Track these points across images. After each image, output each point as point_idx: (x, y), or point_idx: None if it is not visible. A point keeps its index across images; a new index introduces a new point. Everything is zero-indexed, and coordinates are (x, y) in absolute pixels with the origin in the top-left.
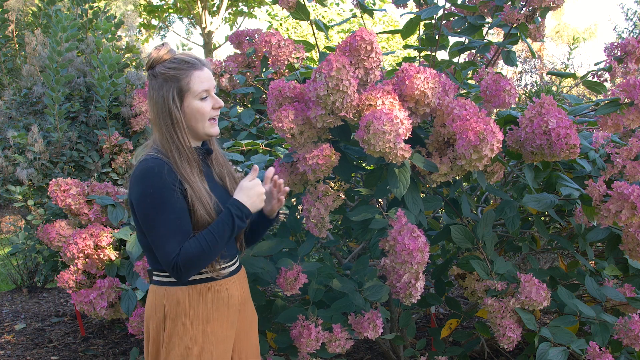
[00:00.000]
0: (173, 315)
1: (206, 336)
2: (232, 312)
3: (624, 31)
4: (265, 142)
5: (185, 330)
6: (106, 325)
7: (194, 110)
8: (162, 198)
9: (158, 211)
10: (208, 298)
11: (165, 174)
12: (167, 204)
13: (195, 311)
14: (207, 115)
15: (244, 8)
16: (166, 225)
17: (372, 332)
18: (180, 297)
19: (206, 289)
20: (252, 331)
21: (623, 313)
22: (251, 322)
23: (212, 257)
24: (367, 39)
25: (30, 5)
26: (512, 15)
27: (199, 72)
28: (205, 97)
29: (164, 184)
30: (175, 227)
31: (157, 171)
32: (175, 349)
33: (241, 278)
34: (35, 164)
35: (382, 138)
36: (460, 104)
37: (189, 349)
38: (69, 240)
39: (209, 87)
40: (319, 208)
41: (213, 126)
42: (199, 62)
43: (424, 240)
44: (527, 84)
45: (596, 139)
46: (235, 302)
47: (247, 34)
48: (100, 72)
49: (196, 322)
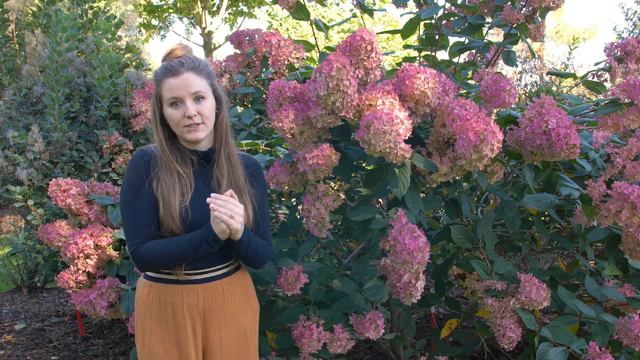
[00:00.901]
0: (139, 307)
1: (165, 336)
2: (191, 319)
3: (624, 31)
4: (265, 142)
5: (145, 325)
6: (106, 325)
7: (168, 116)
8: (134, 187)
9: (129, 199)
10: (164, 299)
11: (140, 165)
12: (137, 195)
13: (155, 309)
14: (179, 122)
15: (244, 8)
16: (132, 215)
17: (374, 332)
18: (144, 292)
19: (164, 290)
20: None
21: (623, 313)
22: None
23: (171, 265)
24: (367, 38)
25: (30, 5)
26: (512, 15)
27: (172, 80)
28: (176, 104)
29: (137, 175)
30: (138, 219)
31: (135, 161)
32: (138, 343)
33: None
34: (35, 164)
35: (382, 138)
36: (460, 104)
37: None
38: (69, 240)
39: (178, 95)
40: (319, 208)
41: (189, 132)
42: (176, 69)
43: (424, 240)
44: (527, 84)
45: (596, 139)
46: (193, 311)
47: (247, 34)
48: (100, 72)
49: (155, 320)
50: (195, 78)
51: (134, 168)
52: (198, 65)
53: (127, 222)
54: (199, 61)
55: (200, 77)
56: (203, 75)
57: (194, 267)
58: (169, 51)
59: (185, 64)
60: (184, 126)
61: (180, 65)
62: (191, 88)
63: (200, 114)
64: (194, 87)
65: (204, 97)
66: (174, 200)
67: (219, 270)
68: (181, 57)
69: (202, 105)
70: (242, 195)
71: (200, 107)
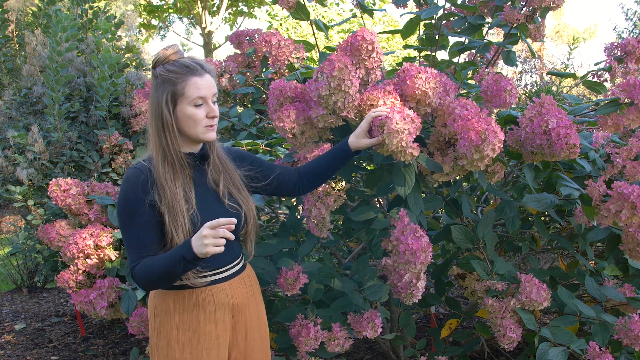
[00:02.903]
0: (160, 318)
1: (193, 343)
2: (222, 318)
3: (624, 31)
4: (265, 142)
5: (172, 335)
6: (106, 325)
7: (186, 115)
8: (130, 209)
9: (126, 222)
10: (192, 304)
11: (138, 186)
12: (134, 217)
13: (181, 317)
14: (200, 122)
15: (244, 8)
16: (130, 235)
17: (371, 331)
18: (167, 302)
19: (190, 295)
20: (257, 337)
21: (623, 313)
22: (253, 328)
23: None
24: (368, 38)
25: (30, 5)
26: (512, 15)
27: (197, 79)
28: (200, 104)
29: (135, 196)
30: (136, 240)
31: (131, 181)
32: (162, 354)
33: (235, 284)
34: (35, 164)
35: (396, 137)
36: (461, 104)
37: (175, 355)
38: (69, 240)
39: (205, 95)
40: (319, 208)
41: (209, 132)
42: (199, 68)
43: (427, 240)
44: (527, 84)
45: (596, 139)
46: (225, 308)
47: (247, 34)
48: (100, 72)
49: (182, 328)
50: (213, 80)
51: (131, 189)
52: (212, 69)
53: (126, 244)
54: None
55: (214, 79)
56: (215, 77)
57: (216, 266)
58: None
59: (201, 64)
60: (204, 126)
61: (199, 65)
62: (214, 89)
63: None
64: (215, 88)
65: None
66: (180, 208)
67: (238, 264)
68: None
69: (216, 106)
70: (240, 192)
71: (216, 108)
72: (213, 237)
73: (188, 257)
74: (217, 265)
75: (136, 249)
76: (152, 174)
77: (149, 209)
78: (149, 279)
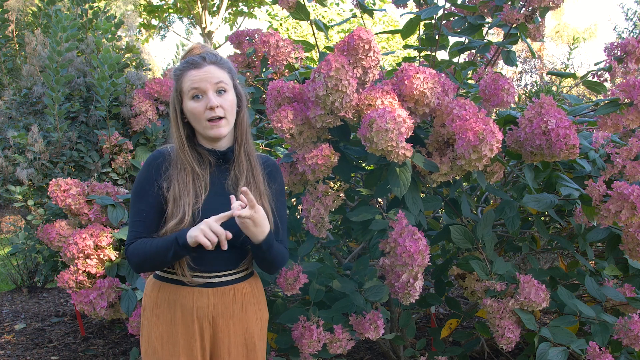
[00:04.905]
0: (146, 306)
1: (171, 339)
2: (200, 323)
3: (624, 31)
4: (265, 142)
5: (152, 326)
6: (106, 325)
7: (189, 110)
8: (141, 188)
9: (135, 199)
10: (173, 301)
11: (152, 166)
12: (143, 196)
13: (162, 310)
14: (201, 116)
15: (244, 8)
16: (135, 212)
17: (374, 332)
18: (153, 293)
19: (175, 291)
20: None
21: (623, 313)
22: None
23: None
24: (364, 38)
25: (30, 5)
26: (512, 15)
27: (193, 71)
28: (197, 96)
29: (148, 175)
30: (139, 217)
31: (148, 162)
32: (144, 343)
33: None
34: (35, 164)
35: (384, 136)
36: (459, 104)
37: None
38: (69, 240)
39: (200, 86)
40: (318, 208)
41: (212, 128)
42: (200, 61)
43: (424, 243)
44: (527, 84)
45: (596, 139)
46: (203, 314)
47: (247, 34)
48: (100, 72)
49: (161, 322)
50: (217, 70)
51: (146, 169)
52: (220, 59)
53: (130, 220)
54: (220, 56)
55: (222, 69)
56: (225, 68)
57: (206, 270)
58: (188, 50)
59: (207, 57)
60: (206, 120)
61: (201, 59)
62: (213, 78)
63: (222, 108)
64: (216, 78)
65: (226, 90)
66: (187, 201)
67: (231, 275)
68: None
69: (223, 98)
70: (261, 197)
71: (222, 100)
72: (209, 228)
73: (180, 242)
74: (208, 269)
75: (137, 227)
76: (169, 159)
77: (157, 192)
78: (142, 257)
